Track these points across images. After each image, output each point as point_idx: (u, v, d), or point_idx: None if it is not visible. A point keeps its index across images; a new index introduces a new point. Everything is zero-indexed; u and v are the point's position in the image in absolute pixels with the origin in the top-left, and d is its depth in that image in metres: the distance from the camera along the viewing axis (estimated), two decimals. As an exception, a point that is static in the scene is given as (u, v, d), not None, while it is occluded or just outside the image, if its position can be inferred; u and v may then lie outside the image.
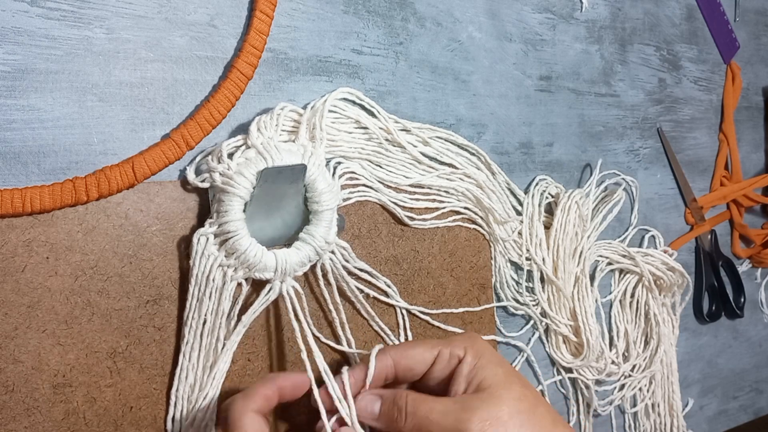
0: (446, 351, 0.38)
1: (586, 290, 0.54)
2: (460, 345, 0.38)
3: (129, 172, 0.35)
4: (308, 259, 0.39)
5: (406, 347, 0.39)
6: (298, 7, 0.43)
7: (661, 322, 0.60)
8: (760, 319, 0.75)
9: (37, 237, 0.34)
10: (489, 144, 0.52)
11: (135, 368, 0.36)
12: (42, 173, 0.35)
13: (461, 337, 0.40)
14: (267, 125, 0.39)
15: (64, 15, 0.35)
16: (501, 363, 0.38)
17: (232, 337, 0.38)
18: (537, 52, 0.55)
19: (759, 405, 0.75)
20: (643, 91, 0.63)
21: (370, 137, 0.44)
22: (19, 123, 0.34)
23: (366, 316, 0.44)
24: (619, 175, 0.60)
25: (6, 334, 0.33)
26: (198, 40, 0.39)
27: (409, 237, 0.46)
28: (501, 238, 0.50)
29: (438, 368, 0.38)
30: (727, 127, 0.70)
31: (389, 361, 0.38)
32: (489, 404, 0.36)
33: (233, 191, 0.36)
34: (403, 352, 0.38)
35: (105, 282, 0.36)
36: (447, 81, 0.50)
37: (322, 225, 0.39)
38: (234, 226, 0.36)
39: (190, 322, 0.37)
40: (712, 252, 0.68)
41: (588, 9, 0.59)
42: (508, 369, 0.38)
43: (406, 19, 0.48)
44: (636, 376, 0.58)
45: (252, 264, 0.37)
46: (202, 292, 0.37)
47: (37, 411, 0.34)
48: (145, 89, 0.37)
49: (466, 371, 0.37)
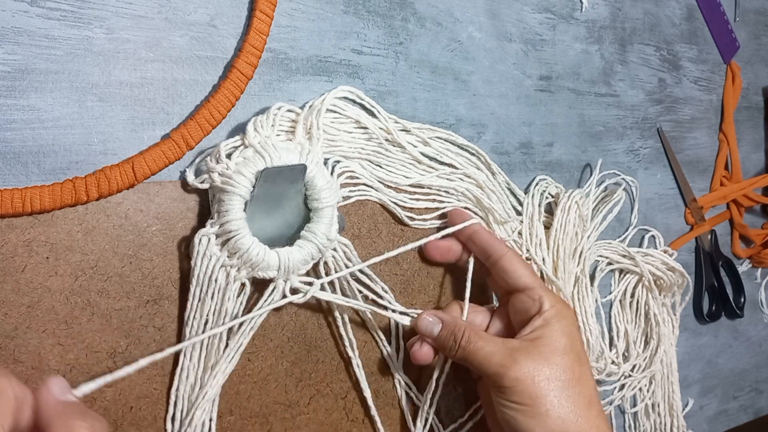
0: (538, 292, 0.41)
1: (586, 290, 0.54)
2: (552, 299, 0.41)
3: (129, 172, 0.35)
4: (311, 257, 0.39)
5: (516, 261, 0.43)
6: (298, 7, 0.43)
7: (661, 322, 0.60)
8: (760, 319, 0.75)
9: (37, 237, 0.34)
10: (489, 144, 0.52)
11: (135, 368, 0.36)
12: (42, 173, 0.34)
13: (555, 296, 0.42)
14: (264, 125, 0.39)
15: (64, 15, 0.35)
16: (570, 334, 0.40)
17: (238, 338, 0.38)
18: (537, 52, 0.55)
19: (759, 405, 0.75)
20: (643, 91, 0.63)
21: (370, 137, 0.44)
22: (19, 123, 0.34)
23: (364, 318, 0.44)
24: (619, 175, 0.60)
25: (6, 334, 0.33)
26: (198, 40, 0.39)
27: (409, 237, 0.46)
28: (501, 238, 0.50)
29: (521, 297, 0.42)
30: (727, 127, 0.70)
31: (502, 251, 0.43)
32: (535, 360, 0.38)
33: (233, 190, 0.36)
34: (514, 261, 0.43)
35: (105, 282, 0.36)
36: (447, 81, 0.50)
37: (323, 222, 0.39)
38: (235, 225, 0.36)
39: (192, 322, 0.37)
40: (712, 252, 0.68)
41: (588, 9, 0.59)
42: (573, 342, 0.40)
43: (406, 19, 0.48)
44: (636, 376, 0.58)
45: (255, 263, 0.37)
46: (204, 293, 0.37)
47: (37, 411, 0.34)
48: (145, 89, 0.37)
49: (538, 323, 0.40)
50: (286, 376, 0.41)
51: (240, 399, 0.40)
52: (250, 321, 0.38)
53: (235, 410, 0.39)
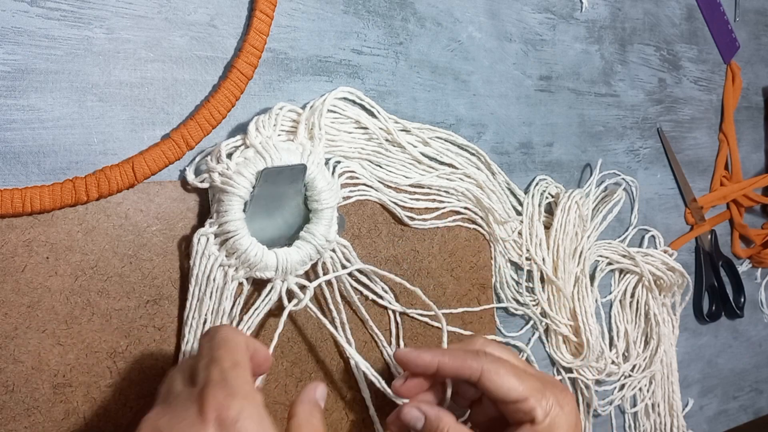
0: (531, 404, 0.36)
1: (586, 290, 0.54)
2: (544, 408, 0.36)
3: (129, 172, 0.35)
4: (309, 258, 0.39)
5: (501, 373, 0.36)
6: (298, 7, 0.43)
7: (661, 322, 0.60)
8: (760, 319, 0.75)
9: (37, 237, 0.34)
10: (489, 144, 0.52)
11: (135, 368, 0.36)
12: (42, 173, 0.35)
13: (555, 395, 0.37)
14: (265, 125, 0.39)
15: (64, 15, 0.35)
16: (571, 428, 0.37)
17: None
18: (537, 52, 0.55)
19: (759, 405, 0.75)
20: (643, 91, 0.63)
21: (370, 137, 0.44)
22: (19, 123, 0.34)
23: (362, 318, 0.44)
24: (619, 175, 0.60)
25: (6, 334, 0.33)
26: (198, 40, 0.39)
27: (409, 237, 0.46)
28: (501, 238, 0.50)
29: (512, 407, 0.36)
30: (727, 127, 0.70)
31: (477, 369, 0.36)
32: None
33: (233, 191, 0.36)
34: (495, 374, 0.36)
35: (105, 282, 0.36)
36: (447, 81, 0.50)
37: (323, 223, 0.39)
38: (234, 226, 0.36)
39: (191, 321, 0.37)
40: (712, 252, 0.68)
41: (588, 9, 0.59)
42: None
43: (406, 19, 0.48)
44: (636, 376, 0.58)
45: (253, 263, 0.37)
46: (203, 292, 0.37)
47: (37, 411, 0.34)
48: (145, 89, 0.37)
49: None
50: (286, 376, 0.41)
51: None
52: (248, 322, 0.38)
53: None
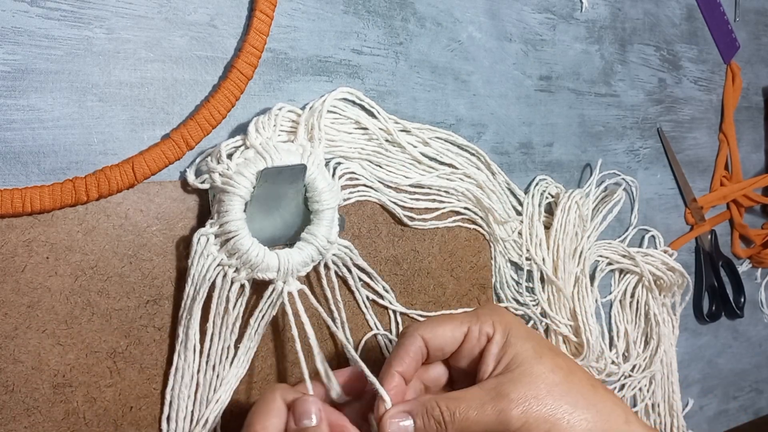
0: (475, 328, 0.37)
1: (586, 290, 0.54)
2: (488, 320, 0.37)
3: (129, 172, 0.35)
4: (311, 259, 0.39)
5: (435, 325, 0.37)
6: (298, 7, 0.43)
7: (661, 322, 0.60)
8: (760, 319, 0.75)
9: (37, 237, 0.34)
10: (489, 144, 0.52)
11: (135, 368, 0.36)
12: (42, 173, 0.35)
13: (488, 310, 0.38)
14: (265, 125, 0.39)
15: (64, 15, 0.35)
16: (529, 336, 0.37)
17: (245, 341, 0.38)
18: (537, 52, 0.55)
19: (759, 405, 0.75)
20: (643, 91, 0.63)
21: (370, 137, 0.44)
22: (19, 123, 0.34)
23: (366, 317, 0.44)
24: (619, 175, 0.60)
25: (6, 334, 0.33)
26: (198, 40, 0.39)
27: (409, 237, 0.46)
28: (501, 238, 0.50)
29: (467, 347, 0.37)
30: (727, 127, 0.70)
31: (420, 343, 0.36)
32: (523, 384, 0.34)
33: (233, 191, 0.36)
34: (433, 330, 0.37)
35: (105, 282, 0.36)
36: (447, 81, 0.50)
37: (324, 224, 0.39)
38: (235, 226, 0.36)
39: (184, 321, 0.37)
40: (712, 252, 0.68)
41: (588, 9, 0.59)
42: (538, 341, 0.37)
43: (406, 19, 0.48)
44: (636, 377, 0.58)
45: (254, 264, 0.37)
46: (197, 292, 0.37)
47: (37, 411, 0.34)
48: (145, 89, 0.37)
49: (496, 350, 0.36)
50: (287, 376, 0.41)
51: (240, 399, 0.40)
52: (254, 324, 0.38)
53: (236, 410, 0.39)
